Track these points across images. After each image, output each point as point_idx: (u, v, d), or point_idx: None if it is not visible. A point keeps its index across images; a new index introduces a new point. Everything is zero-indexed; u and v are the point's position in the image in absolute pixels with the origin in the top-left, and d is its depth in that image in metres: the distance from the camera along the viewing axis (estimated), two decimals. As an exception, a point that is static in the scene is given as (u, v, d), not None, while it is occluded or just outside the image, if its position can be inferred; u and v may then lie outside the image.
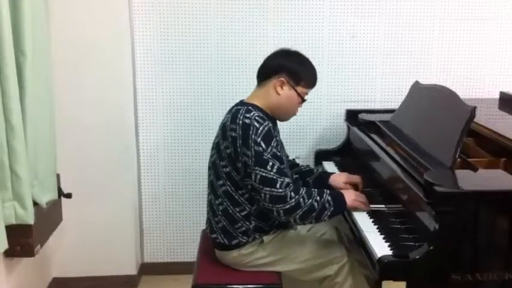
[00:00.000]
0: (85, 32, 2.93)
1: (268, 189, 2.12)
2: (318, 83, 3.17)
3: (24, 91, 2.31)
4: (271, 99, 2.30)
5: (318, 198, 2.17)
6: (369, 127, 2.80)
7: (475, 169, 2.05)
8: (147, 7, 3.09)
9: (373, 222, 2.17)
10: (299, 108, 2.37)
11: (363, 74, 3.26)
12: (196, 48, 3.15)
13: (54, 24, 2.83)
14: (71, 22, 2.91)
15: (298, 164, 2.69)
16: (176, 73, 3.18)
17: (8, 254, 2.40)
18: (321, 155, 3.10)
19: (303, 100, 2.34)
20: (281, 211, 2.13)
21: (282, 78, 2.27)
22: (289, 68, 2.28)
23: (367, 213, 2.26)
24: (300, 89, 2.30)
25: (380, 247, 1.94)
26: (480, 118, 2.31)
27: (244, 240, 2.30)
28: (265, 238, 2.32)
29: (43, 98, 2.51)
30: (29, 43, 2.30)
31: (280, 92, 2.28)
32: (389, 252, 1.89)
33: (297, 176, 2.59)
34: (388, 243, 1.97)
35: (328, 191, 2.23)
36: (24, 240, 2.41)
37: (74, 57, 2.95)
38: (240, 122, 2.17)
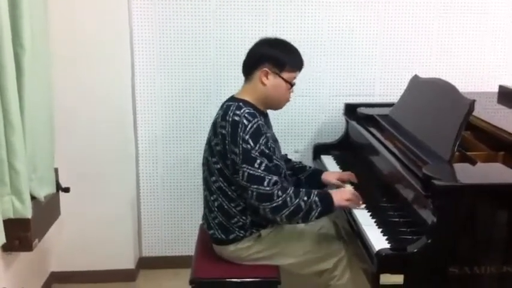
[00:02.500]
0: (84, 26, 2.92)
1: (255, 186, 2.12)
2: (316, 77, 3.21)
3: (23, 85, 2.30)
4: (259, 91, 2.29)
5: (305, 198, 2.15)
6: (368, 121, 2.79)
7: (473, 163, 2.05)
8: (147, 1, 3.07)
9: (371, 216, 2.17)
10: (291, 94, 2.35)
11: (362, 68, 3.25)
12: (194, 42, 3.14)
13: (53, 18, 2.81)
14: (69, 16, 2.90)
15: (290, 160, 2.68)
16: (174, 67, 3.17)
17: (6, 248, 2.40)
18: (320, 149, 3.09)
19: (292, 85, 2.32)
20: (267, 209, 2.13)
21: (265, 68, 2.25)
22: (270, 56, 2.26)
23: (365, 207, 2.26)
24: (285, 74, 2.27)
25: (378, 240, 1.95)
26: (479, 112, 2.31)
27: (242, 235, 2.30)
28: (263, 232, 2.32)
29: (42, 92, 2.50)
30: (27, 36, 2.28)
31: (266, 82, 2.27)
32: (387, 246, 1.90)
33: (290, 172, 2.59)
34: (386, 237, 1.97)
35: (316, 192, 2.20)
36: (22, 235, 2.41)
37: (72, 51, 2.94)
38: (230, 119, 2.16)
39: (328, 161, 2.92)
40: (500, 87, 3.04)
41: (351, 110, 3.03)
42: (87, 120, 3.03)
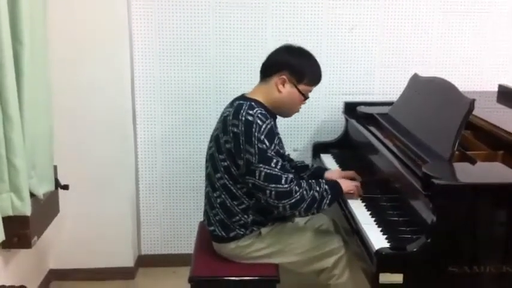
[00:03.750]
0: (83, 24, 2.91)
1: (273, 185, 2.12)
2: (316, 75, 3.20)
3: (22, 81, 2.29)
4: (272, 96, 2.29)
5: (318, 188, 2.20)
6: (367, 120, 2.79)
7: (473, 162, 2.05)
8: (146, 0, 3.07)
9: (370, 214, 2.17)
10: (302, 105, 2.36)
11: (362, 67, 3.25)
12: (194, 40, 3.14)
13: (52, 16, 2.80)
14: (69, 14, 2.89)
15: (292, 160, 2.69)
16: (174, 66, 3.16)
17: (5, 245, 2.40)
18: (319, 148, 3.09)
19: (306, 98, 2.32)
20: (287, 206, 2.14)
21: (284, 76, 2.25)
22: (292, 65, 2.26)
23: (365, 206, 2.26)
24: (302, 86, 2.28)
25: (377, 240, 1.95)
26: (478, 111, 2.30)
27: (242, 233, 2.30)
28: (263, 230, 2.32)
29: (41, 88, 2.49)
30: (26, 32, 2.27)
31: (282, 89, 2.27)
32: (387, 245, 1.89)
33: (292, 171, 2.59)
34: (385, 236, 1.97)
35: (323, 181, 2.28)
36: (21, 232, 2.40)
37: (71, 49, 2.93)
38: (243, 118, 2.16)
39: (328, 160, 2.92)
40: (500, 86, 3.04)
41: (350, 109, 3.03)
42: (86, 118, 3.02)
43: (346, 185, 2.32)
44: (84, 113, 3.02)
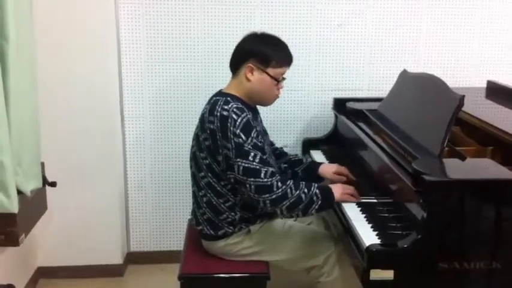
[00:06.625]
0: (69, 18, 2.89)
1: (252, 179, 2.10)
2: (305, 72, 3.20)
3: (7, 78, 2.26)
4: (244, 87, 2.26)
5: (306, 190, 2.14)
6: (357, 116, 2.79)
7: (463, 158, 2.05)
8: (133, -6, 3.06)
9: (361, 211, 2.17)
10: (281, 90, 2.32)
11: (351, 63, 3.24)
12: (182, 37, 3.12)
13: (37, 10, 2.77)
14: (55, 8, 2.86)
15: (287, 153, 2.67)
16: (162, 61, 3.14)
17: (-8, 243, 2.38)
18: (308, 144, 3.09)
19: (279, 81, 2.28)
20: (267, 201, 2.11)
21: (250, 64, 2.23)
22: (255, 51, 2.24)
23: (355, 202, 2.25)
24: (271, 70, 2.24)
25: (368, 236, 1.94)
26: (468, 107, 2.30)
27: (231, 230, 2.28)
28: (252, 228, 2.31)
29: (27, 84, 2.46)
30: (12, 29, 2.24)
31: (251, 78, 2.24)
32: (377, 241, 1.89)
33: (285, 165, 2.58)
34: (376, 232, 1.97)
35: (316, 185, 2.19)
36: (8, 229, 2.37)
37: (58, 44, 2.90)
38: (218, 114, 2.14)
39: (317, 156, 2.91)
40: (489, 82, 3.05)
41: (339, 105, 3.03)
42: (73, 114, 2.99)
43: (339, 193, 2.22)
44: (72, 110, 2.99)
